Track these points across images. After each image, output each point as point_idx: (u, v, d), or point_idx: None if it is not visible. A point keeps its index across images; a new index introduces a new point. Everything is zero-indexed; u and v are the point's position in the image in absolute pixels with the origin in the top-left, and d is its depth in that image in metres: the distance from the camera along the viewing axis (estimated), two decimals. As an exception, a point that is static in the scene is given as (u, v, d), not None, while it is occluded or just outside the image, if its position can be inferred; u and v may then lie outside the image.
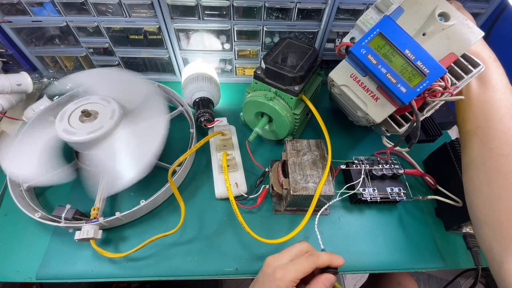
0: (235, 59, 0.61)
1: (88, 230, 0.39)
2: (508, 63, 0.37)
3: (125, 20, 0.53)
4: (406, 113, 0.39)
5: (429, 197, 0.46)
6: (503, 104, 0.33)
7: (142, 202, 0.42)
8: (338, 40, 0.58)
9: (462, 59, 0.34)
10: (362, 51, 0.34)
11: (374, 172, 0.46)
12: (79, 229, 0.39)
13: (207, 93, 0.54)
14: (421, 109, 0.37)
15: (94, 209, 0.42)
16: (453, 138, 0.50)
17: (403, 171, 0.47)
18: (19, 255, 0.41)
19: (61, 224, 0.40)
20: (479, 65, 0.33)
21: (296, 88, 0.43)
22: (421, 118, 0.38)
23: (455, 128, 0.61)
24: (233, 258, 0.42)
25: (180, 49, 0.59)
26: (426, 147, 0.54)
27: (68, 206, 0.41)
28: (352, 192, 0.45)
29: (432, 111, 0.38)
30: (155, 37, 0.56)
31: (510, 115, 0.33)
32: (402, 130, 0.39)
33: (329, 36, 0.57)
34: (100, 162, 0.40)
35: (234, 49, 0.59)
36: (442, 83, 0.33)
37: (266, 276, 0.32)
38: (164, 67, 0.63)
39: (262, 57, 0.58)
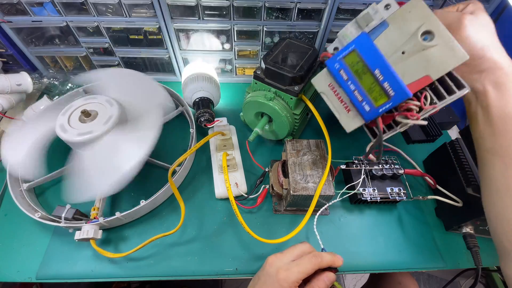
0: (235, 59, 0.61)
1: (88, 230, 0.39)
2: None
3: (125, 20, 0.53)
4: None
5: (429, 197, 0.46)
6: None
7: (142, 202, 0.42)
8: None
9: (448, 79, 0.32)
10: (336, 66, 0.34)
11: (374, 172, 0.46)
12: (79, 229, 0.39)
13: (207, 93, 0.54)
14: (396, 124, 0.36)
15: (94, 209, 0.42)
16: (453, 138, 0.49)
17: (403, 171, 0.47)
18: (19, 255, 0.41)
19: (61, 224, 0.40)
20: (464, 87, 0.31)
21: (296, 88, 0.43)
22: (392, 134, 0.37)
23: (455, 128, 0.61)
24: (233, 258, 0.42)
25: (180, 49, 0.59)
26: (426, 147, 0.54)
27: (68, 206, 0.41)
28: (353, 192, 0.45)
29: (406, 127, 0.36)
30: (155, 37, 0.56)
31: None
32: (373, 141, 0.38)
33: (329, 36, 0.57)
34: (79, 162, 0.38)
35: (234, 49, 0.59)
36: (418, 103, 0.32)
37: (268, 276, 0.32)
38: (164, 67, 0.63)
39: (262, 57, 0.58)
